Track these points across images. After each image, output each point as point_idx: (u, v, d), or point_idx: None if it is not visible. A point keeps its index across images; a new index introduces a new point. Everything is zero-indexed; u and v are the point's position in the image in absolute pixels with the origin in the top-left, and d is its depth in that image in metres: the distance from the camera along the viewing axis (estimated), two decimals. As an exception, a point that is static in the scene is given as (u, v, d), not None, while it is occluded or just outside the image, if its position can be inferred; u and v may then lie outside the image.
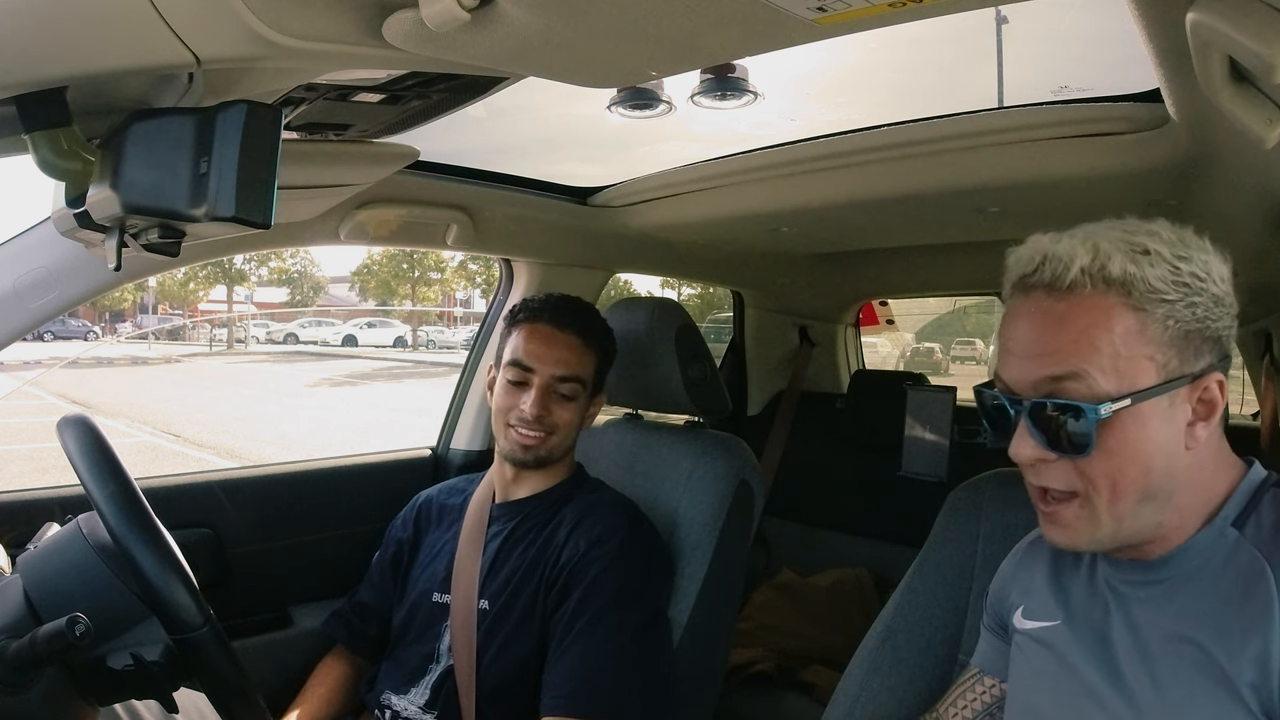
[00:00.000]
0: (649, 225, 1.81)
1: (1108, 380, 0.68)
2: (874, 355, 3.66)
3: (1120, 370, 0.68)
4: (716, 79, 1.31)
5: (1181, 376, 0.69)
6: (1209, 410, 0.70)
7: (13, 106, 0.75)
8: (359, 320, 22.44)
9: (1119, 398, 0.67)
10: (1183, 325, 0.69)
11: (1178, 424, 0.70)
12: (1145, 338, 0.68)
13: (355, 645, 1.45)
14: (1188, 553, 0.73)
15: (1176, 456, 0.70)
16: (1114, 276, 0.68)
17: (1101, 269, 0.68)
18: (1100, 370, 0.68)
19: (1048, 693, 0.81)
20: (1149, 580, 0.75)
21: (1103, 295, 0.68)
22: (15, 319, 1.20)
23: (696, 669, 1.35)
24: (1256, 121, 0.70)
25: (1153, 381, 0.68)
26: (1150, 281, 0.68)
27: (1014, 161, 1.26)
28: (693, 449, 1.45)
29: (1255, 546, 0.70)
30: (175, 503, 1.48)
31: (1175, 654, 0.70)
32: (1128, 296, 0.68)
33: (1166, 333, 0.68)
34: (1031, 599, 0.87)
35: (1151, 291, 0.68)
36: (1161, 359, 0.69)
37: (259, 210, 0.71)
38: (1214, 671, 0.68)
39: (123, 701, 0.92)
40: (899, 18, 0.65)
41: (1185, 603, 0.72)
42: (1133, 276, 0.68)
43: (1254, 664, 0.66)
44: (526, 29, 0.66)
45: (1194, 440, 0.70)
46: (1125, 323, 0.68)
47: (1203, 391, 0.70)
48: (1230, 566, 0.70)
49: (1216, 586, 0.70)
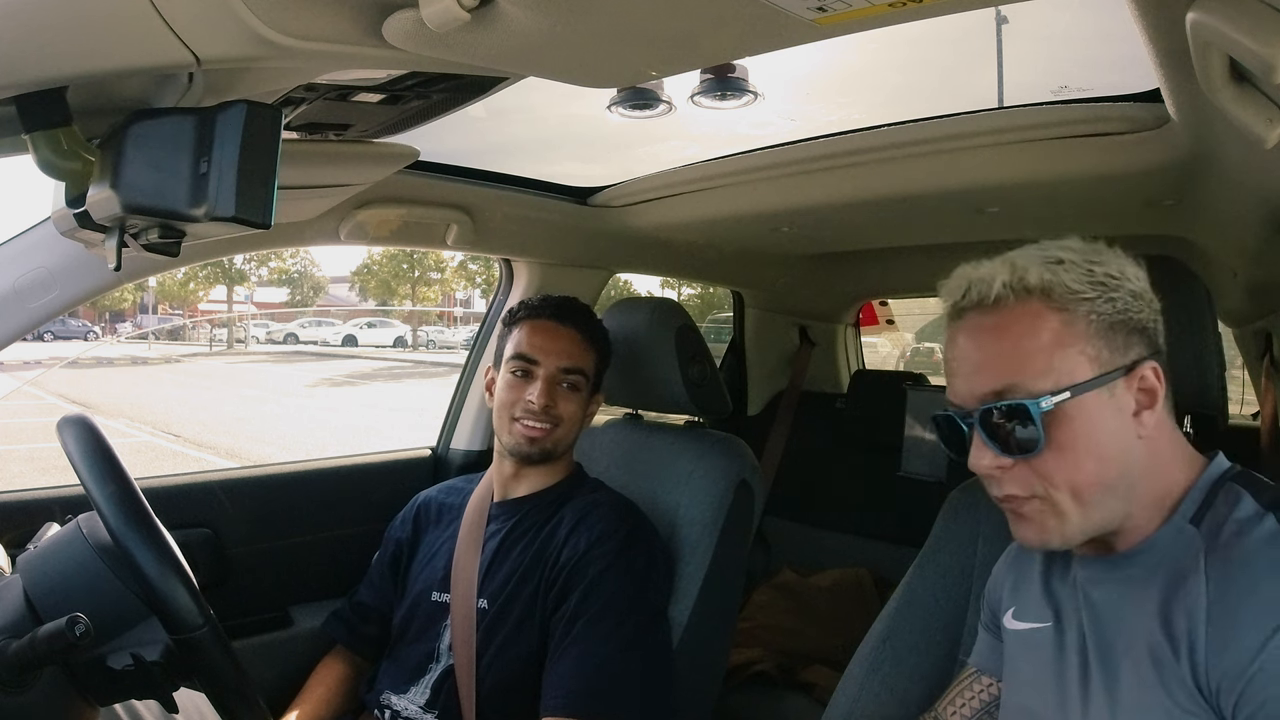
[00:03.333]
0: (649, 225, 1.81)
1: (1045, 380, 0.72)
2: (874, 355, 3.65)
3: (1055, 369, 0.72)
4: (716, 79, 1.31)
5: (1116, 368, 0.73)
6: (1151, 398, 0.74)
7: (13, 106, 0.76)
8: (359, 320, 22.42)
9: (1058, 391, 0.71)
10: (1106, 319, 0.73)
11: (1124, 414, 0.73)
12: (1073, 334, 0.72)
13: (355, 645, 1.45)
14: (1151, 550, 0.75)
15: (1129, 445, 0.73)
16: (1033, 285, 0.73)
17: (1021, 280, 0.73)
18: (1036, 374, 0.72)
19: (1035, 693, 0.83)
20: (1113, 577, 0.77)
21: (1026, 303, 0.73)
22: (15, 319, 1.20)
23: (696, 669, 1.35)
24: (1256, 121, 0.70)
25: (1088, 375, 0.72)
26: (1067, 284, 0.73)
27: (1014, 161, 1.26)
28: (692, 449, 1.45)
29: (1204, 540, 0.71)
30: (175, 503, 1.48)
31: (1133, 650, 0.72)
32: (1049, 300, 0.73)
33: (1091, 327, 0.72)
34: (1021, 600, 0.88)
35: (1070, 292, 0.73)
36: (1092, 352, 0.72)
37: (259, 210, 0.71)
38: (1164, 663, 0.69)
39: (123, 701, 0.92)
40: (899, 18, 0.65)
41: (1144, 598, 0.73)
42: (1050, 282, 0.73)
43: (1188, 651, 0.68)
44: (526, 29, 0.66)
45: (1142, 427, 0.73)
46: (1051, 324, 0.73)
47: (1140, 380, 0.73)
48: (1180, 562, 0.72)
49: (1168, 580, 0.72)
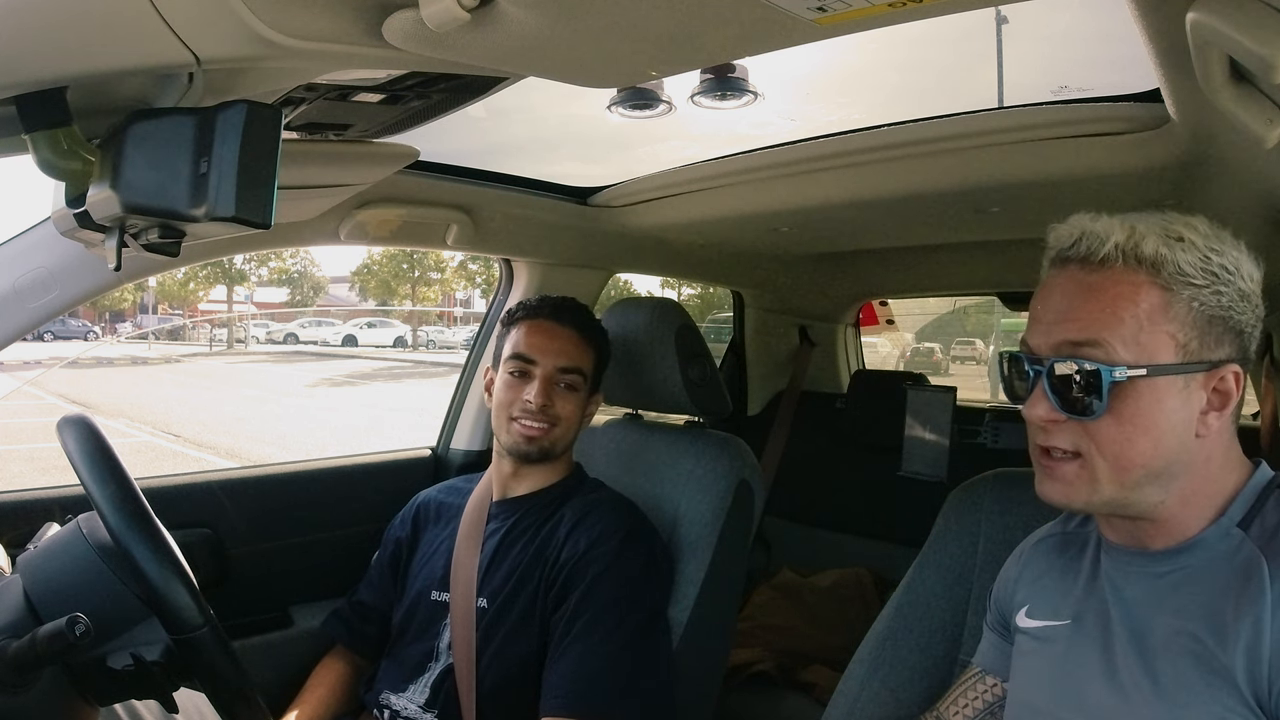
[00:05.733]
0: (649, 225, 1.81)
1: (1127, 351, 0.70)
2: (874, 355, 3.66)
3: (1141, 343, 0.70)
4: (716, 79, 1.31)
5: (1200, 361, 0.71)
6: (1223, 400, 0.72)
7: (13, 106, 0.76)
8: (359, 320, 22.42)
9: (1135, 367, 0.70)
10: (1207, 310, 0.71)
11: (1192, 408, 0.71)
12: (1168, 316, 0.70)
13: (355, 645, 1.45)
14: (1194, 550, 0.74)
15: (1186, 440, 0.72)
16: (1145, 255, 0.70)
17: (1135, 247, 0.71)
18: (1121, 340, 0.70)
19: (1045, 691, 0.82)
20: (1151, 573, 0.76)
21: (1133, 271, 0.71)
22: (15, 319, 1.20)
23: (696, 669, 1.35)
24: (1256, 121, 0.71)
25: (1171, 359, 0.70)
26: (1180, 264, 0.70)
27: (1014, 161, 1.26)
28: (692, 449, 1.45)
29: (1257, 545, 0.71)
30: (175, 503, 1.48)
31: (1175, 648, 0.71)
32: (1156, 275, 0.70)
33: (1190, 314, 0.70)
34: (1036, 598, 0.88)
35: (1180, 274, 0.70)
36: (1182, 339, 0.71)
37: (259, 210, 0.71)
38: (1211, 664, 0.69)
39: (123, 701, 0.92)
40: (899, 18, 0.65)
41: (1186, 598, 0.72)
42: (1163, 257, 0.70)
43: (1245, 654, 0.67)
44: (526, 29, 0.66)
45: (1205, 428, 0.72)
46: (1151, 299, 0.70)
47: (1219, 381, 0.72)
48: (1230, 564, 0.71)
49: (1215, 582, 0.71)
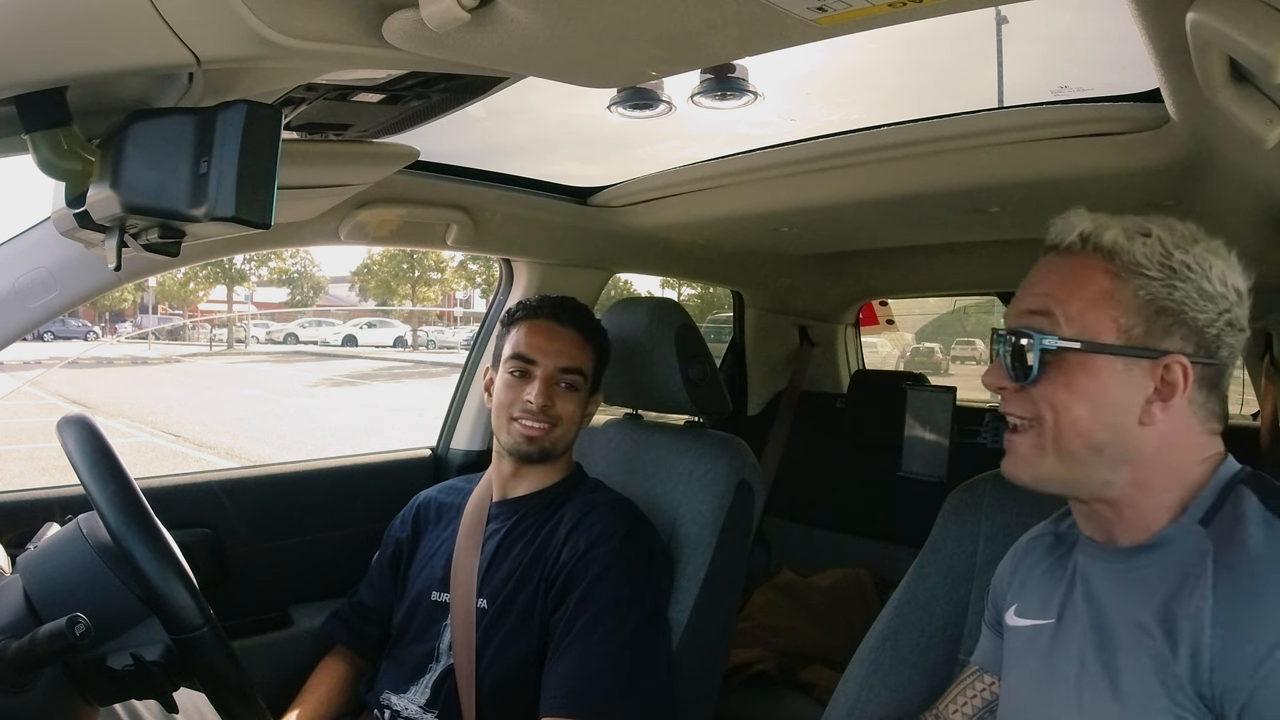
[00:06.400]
0: (649, 225, 1.81)
1: (1070, 325, 0.75)
2: (874, 355, 3.66)
3: (1085, 321, 0.75)
4: (716, 79, 1.31)
5: (1144, 348, 0.74)
6: (1170, 391, 0.74)
7: (13, 106, 0.76)
8: (359, 320, 22.39)
9: (1072, 340, 0.75)
10: (1156, 301, 0.74)
11: (1135, 392, 0.74)
12: (1114, 300, 0.75)
13: (355, 645, 1.45)
14: (1158, 547, 0.75)
15: (1128, 424, 0.74)
16: (1103, 244, 0.76)
17: (1096, 236, 0.76)
18: (1065, 315, 0.76)
19: (1032, 689, 0.83)
20: (1117, 569, 0.77)
21: (1090, 257, 0.76)
22: (15, 319, 1.20)
23: (696, 669, 1.35)
24: (1256, 121, 0.71)
25: (1111, 339, 0.74)
26: (1135, 255, 0.74)
27: (1014, 161, 1.26)
28: (692, 449, 1.45)
29: (1212, 543, 0.71)
30: (175, 503, 1.48)
31: (1135, 647, 0.72)
32: (1110, 262, 0.75)
33: (1136, 302, 0.74)
34: (1024, 597, 0.88)
35: (1133, 264, 0.74)
36: (1125, 323, 0.74)
37: (259, 210, 0.71)
38: (1162, 661, 0.69)
39: (123, 701, 0.92)
40: (899, 18, 0.65)
41: (1146, 595, 0.73)
42: (1120, 247, 0.75)
43: (1190, 655, 0.68)
44: (526, 29, 0.66)
45: (1149, 417, 0.74)
46: (1100, 283, 0.75)
47: (1165, 371, 0.73)
48: (1187, 561, 0.72)
49: (1172, 579, 0.72)
